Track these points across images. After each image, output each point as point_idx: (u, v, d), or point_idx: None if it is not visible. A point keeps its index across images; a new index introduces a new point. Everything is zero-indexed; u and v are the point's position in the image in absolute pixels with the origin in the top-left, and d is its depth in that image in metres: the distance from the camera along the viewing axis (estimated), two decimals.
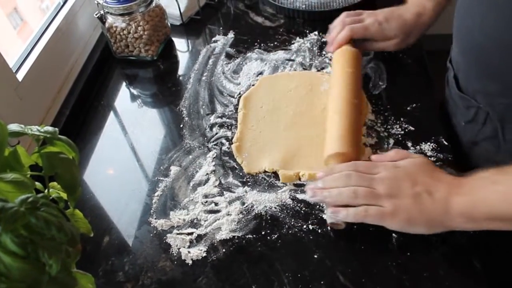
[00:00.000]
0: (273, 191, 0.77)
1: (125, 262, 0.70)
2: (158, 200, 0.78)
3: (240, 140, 0.85)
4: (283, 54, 1.04)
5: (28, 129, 0.51)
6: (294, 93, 0.93)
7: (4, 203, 0.43)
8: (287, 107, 0.90)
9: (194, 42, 1.14)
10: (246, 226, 0.73)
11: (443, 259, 0.66)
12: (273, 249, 0.70)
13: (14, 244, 0.44)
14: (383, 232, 0.69)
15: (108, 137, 0.92)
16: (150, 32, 1.03)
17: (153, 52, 1.06)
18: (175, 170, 0.82)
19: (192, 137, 0.88)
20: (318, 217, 0.73)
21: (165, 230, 0.74)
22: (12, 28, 1.09)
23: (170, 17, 1.14)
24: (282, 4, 1.14)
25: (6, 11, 1.09)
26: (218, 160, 0.83)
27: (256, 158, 0.82)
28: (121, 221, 0.76)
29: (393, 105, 0.89)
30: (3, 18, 1.06)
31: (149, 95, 1.01)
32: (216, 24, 1.17)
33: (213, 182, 0.79)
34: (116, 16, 1.01)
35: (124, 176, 0.83)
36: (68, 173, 0.51)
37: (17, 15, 1.13)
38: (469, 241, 0.68)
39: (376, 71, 0.96)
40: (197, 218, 0.74)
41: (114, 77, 1.06)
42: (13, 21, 1.10)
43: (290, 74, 0.98)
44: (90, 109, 0.98)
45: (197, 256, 0.69)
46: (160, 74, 1.05)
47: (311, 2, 1.14)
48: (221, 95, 0.96)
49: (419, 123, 0.85)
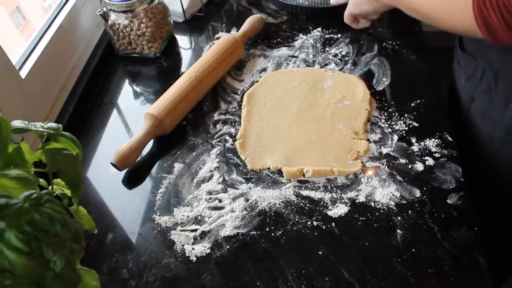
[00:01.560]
0: (277, 187, 0.77)
1: (129, 259, 0.70)
2: (162, 197, 0.78)
3: (244, 137, 0.85)
4: (286, 50, 1.04)
5: (31, 126, 0.51)
6: (297, 90, 0.92)
7: (8, 199, 0.43)
8: (290, 104, 0.90)
9: (197, 39, 1.13)
10: (250, 223, 0.72)
11: (448, 256, 0.66)
12: (277, 245, 0.69)
13: (18, 240, 0.44)
14: (387, 228, 0.69)
15: (111, 134, 0.92)
16: (153, 29, 1.03)
17: (156, 49, 1.06)
18: (178, 167, 0.82)
19: (195, 133, 0.88)
20: (322, 214, 0.72)
21: (169, 227, 0.73)
22: (15, 26, 1.09)
23: (173, 14, 1.14)
24: (285, 0, 1.14)
25: (9, 10, 1.09)
26: (222, 156, 0.83)
27: (260, 154, 0.82)
28: (125, 218, 0.76)
29: (397, 101, 0.89)
30: (6, 17, 1.06)
31: (152, 92, 1.01)
32: (219, 21, 1.16)
33: (217, 178, 0.79)
34: (119, 13, 1.01)
35: (127, 173, 0.83)
36: (71, 169, 0.51)
37: (19, 14, 1.13)
38: (474, 238, 0.67)
39: (379, 67, 0.96)
40: (201, 215, 0.74)
41: (117, 74, 1.06)
42: (16, 20, 1.10)
43: (294, 70, 0.98)
44: (93, 106, 0.98)
45: (201, 252, 0.69)
46: (163, 71, 1.05)
47: None
48: (224, 92, 0.96)
49: (423, 119, 0.84)
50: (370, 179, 0.76)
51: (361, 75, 0.95)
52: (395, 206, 0.72)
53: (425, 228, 0.69)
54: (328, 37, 1.05)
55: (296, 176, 0.78)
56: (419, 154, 0.79)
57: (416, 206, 0.72)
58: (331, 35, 1.06)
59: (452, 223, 0.70)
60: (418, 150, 0.79)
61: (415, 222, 0.70)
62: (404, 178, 0.76)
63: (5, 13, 1.06)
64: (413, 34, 1.05)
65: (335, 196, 0.75)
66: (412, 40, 1.02)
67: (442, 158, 0.78)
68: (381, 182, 0.75)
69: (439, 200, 0.72)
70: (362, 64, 0.97)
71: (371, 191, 0.75)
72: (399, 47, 1.01)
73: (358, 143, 0.81)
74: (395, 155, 0.79)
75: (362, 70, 0.96)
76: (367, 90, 0.90)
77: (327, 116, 0.86)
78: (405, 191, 0.74)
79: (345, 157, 0.80)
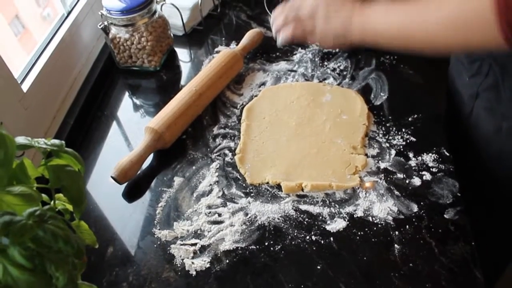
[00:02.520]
0: (276, 202, 0.77)
1: (129, 273, 0.71)
2: (161, 211, 0.78)
3: (243, 151, 0.85)
4: (285, 64, 1.05)
5: (35, 142, 0.52)
6: (296, 104, 0.93)
7: (13, 217, 0.43)
8: (289, 118, 0.91)
9: (197, 52, 1.15)
10: (249, 237, 0.73)
11: (445, 270, 0.66)
12: (276, 259, 0.70)
13: (22, 256, 0.44)
14: (385, 243, 0.70)
15: (111, 146, 0.93)
16: (153, 43, 1.04)
17: (156, 62, 1.07)
18: (178, 181, 0.83)
19: (195, 147, 0.89)
20: (321, 228, 0.73)
21: (169, 241, 0.74)
22: (14, 35, 1.09)
23: (173, 28, 1.15)
24: None
25: (8, 19, 1.09)
26: (221, 170, 0.83)
27: (259, 169, 0.82)
28: (125, 232, 0.77)
29: (395, 115, 0.90)
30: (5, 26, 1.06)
31: (152, 105, 1.02)
32: (219, 35, 1.18)
33: (216, 192, 0.80)
34: (119, 27, 1.02)
35: (127, 187, 0.84)
36: (74, 185, 0.52)
37: (18, 23, 1.13)
38: (471, 253, 0.68)
39: (377, 81, 0.97)
40: (201, 229, 0.75)
41: (117, 87, 1.07)
42: (15, 28, 1.10)
43: (292, 85, 0.99)
44: (93, 119, 0.99)
45: (200, 267, 0.70)
46: (163, 84, 1.06)
47: None
48: (224, 106, 0.97)
49: (421, 134, 0.85)
50: (368, 194, 0.77)
51: (359, 90, 0.96)
52: (392, 221, 0.73)
53: (423, 242, 0.70)
54: (326, 51, 1.06)
55: (295, 190, 0.78)
56: (417, 169, 0.80)
57: (413, 221, 0.73)
58: (329, 50, 1.07)
59: (449, 237, 0.70)
60: (416, 165, 0.80)
61: (413, 236, 0.71)
62: (401, 193, 0.77)
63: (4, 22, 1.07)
64: None
65: (334, 210, 0.75)
66: (409, 55, 1.03)
67: (439, 173, 0.79)
68: (379, 196, 0.76)
69: (436, 215, 0.73)
70: (360, 79, 0.99)
71: (369, 205, 0.75)
72: (397, 61, 1.02)
73: (356, 158, 0.82)
74: (392, 169, 0.80)
75: (360, 84, 0.97)
76: (365, 105, 0.91)
77: (326, 131, 0.87)
78: (402, 206, 0.75)
79: (343, 172, 0.80)
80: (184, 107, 0.90)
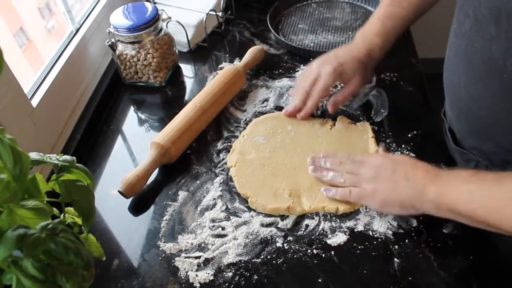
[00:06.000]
0: (278, 216, 0.79)
1: (134, 285, 0.72)
2: (166, 224, 0.80)
3: (242, 179, 0.85)
4: (287, 81, 1.07)
5: (47, 158, 0.54)
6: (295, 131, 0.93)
7: (27, 230, 0.45)
8: (287, 148, 0.90)
9: (201, 68, 1.17)
10: (252, 250, 0.75)
11: (444, 284, 0.68)
12: (279, 273, 0.72)
13: (34, 268, 0.46)
14: (385, 256, 0.71)
15: (117, 160, 0.95)
16: (159, 60, 1.07)
17: (162, 78, 1.10)
18: (183, 195, 0.84)
19: (199, 162, 0.91)
20: (322, 242, 0.75)
21: (173, 254, 0.76)
22: (18, 47, 1.11)
23: (178, 44, 1.17)
24: (291, 41, 1.18)
25: (13, 31, 1.11)
26: (225, 185, 0.85)
27: (261, 199, 0.81)
28: (130, 245, 0.78)
29: (395, 132, 0.92)
30: (10, 38, 1.08)
31: (157, 120, 1.04)
32: (222, 51, 1.20)
33: (220, 206, 0.81)
34: (126, 44, 1.05)
35: (133, 200, 0.85)
36: (84, 200, 0.54)
37: (23, 35, 1.15)
38: (469, 266, 0.70)
39: (378, 98, 0.99)
40: (205, 242, 0.76)
41: (123, 102, 1.09)
42: (19, 40, 1.12)
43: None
44: (99, 133, 1.01)
45: (204, 279, 0.71)
46: (168, 100, 1.08)
47: (320, 41, 1.18)
48: (227, 122, 0.99)
49: (420, 150, 0.87)
50: (368, 209, 0.78)
51: (360, 106, 0.98)
52: (392, 235, 0.74)
53: (422, 256, 0.72)
54: None
55: (298, 212, 0.80)
56: None
57: (413, 235, 0.74)
58: None
59: (448, 251, 0.72)
60: None
61: (412, 250, 0.72)
62: None
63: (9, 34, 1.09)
64: (410, 66, 1.08)
65: (335, 225, 0.77)
66: (409, 72, 1.06)
67: None
68: (379, 211, 0.78)
69: (435, 229, 0.75)
70: (360, 95, 1.00)
71: (370, 220, 0.77)
72: (397, 78, 1.04)
73: None
74: None
75: (361, 101, 0.99)
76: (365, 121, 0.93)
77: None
78: (402, 220, 0.76)
79: None
80: (189, 123, 0.92)
